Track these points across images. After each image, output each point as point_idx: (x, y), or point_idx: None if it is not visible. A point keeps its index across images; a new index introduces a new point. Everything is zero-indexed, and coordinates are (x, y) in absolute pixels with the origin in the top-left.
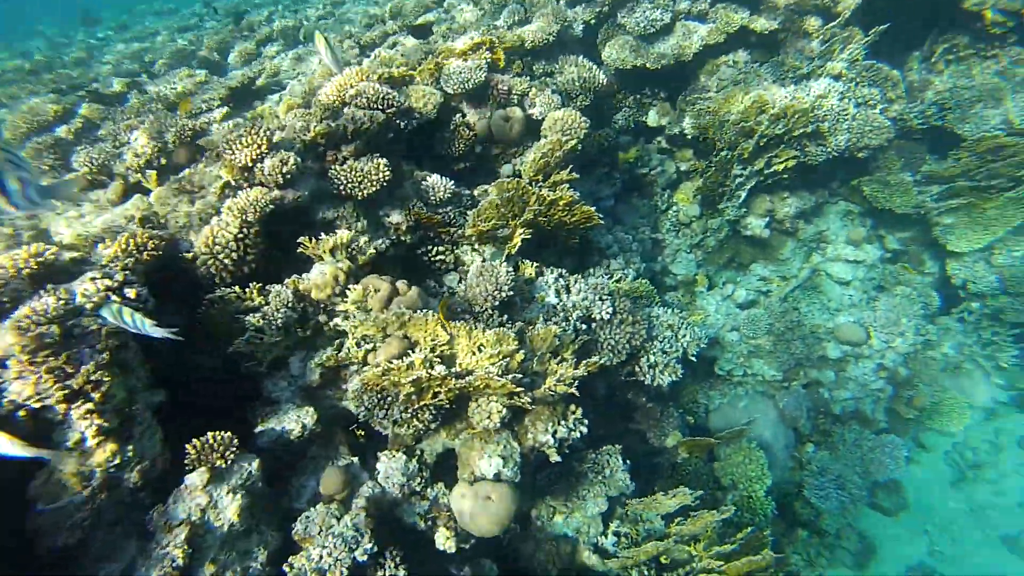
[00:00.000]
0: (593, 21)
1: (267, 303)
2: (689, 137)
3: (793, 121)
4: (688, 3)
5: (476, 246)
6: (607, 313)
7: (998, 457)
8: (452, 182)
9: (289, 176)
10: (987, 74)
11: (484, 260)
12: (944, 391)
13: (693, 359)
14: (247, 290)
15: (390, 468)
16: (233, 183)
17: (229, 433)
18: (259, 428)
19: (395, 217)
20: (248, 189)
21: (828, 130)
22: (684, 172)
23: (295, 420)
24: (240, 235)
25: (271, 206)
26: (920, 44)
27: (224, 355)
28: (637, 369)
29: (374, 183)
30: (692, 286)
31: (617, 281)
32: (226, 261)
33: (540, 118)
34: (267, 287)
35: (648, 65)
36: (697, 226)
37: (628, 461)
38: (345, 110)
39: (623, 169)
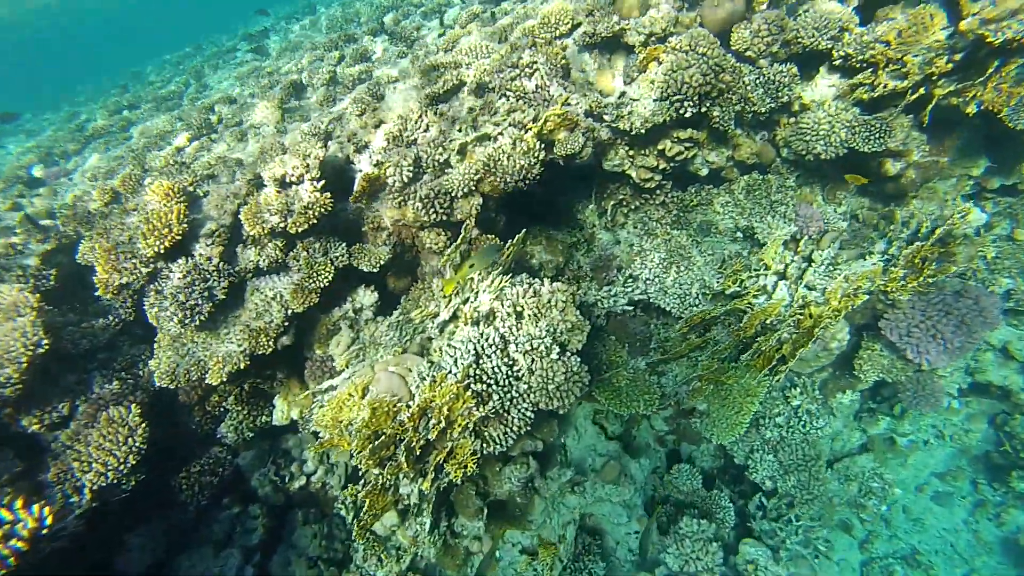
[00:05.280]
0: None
1: None
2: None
3: (447, 413)
4: (253, 252)
5: None
6: None
7: None
8: None
9: None
10: (665, 225)
11: None
12: None
13: None
14: None
15: None
16: None
17: None
18: None
19: None
20: None
21: (501, 407)
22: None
23: None
24: None
25: None
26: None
27: None
28: None
29: None
30: None
31: None
32: None
33: None
34: None
35: (212, 381)
36: (403, 534)
37: None
38: None
39: (265, 495)
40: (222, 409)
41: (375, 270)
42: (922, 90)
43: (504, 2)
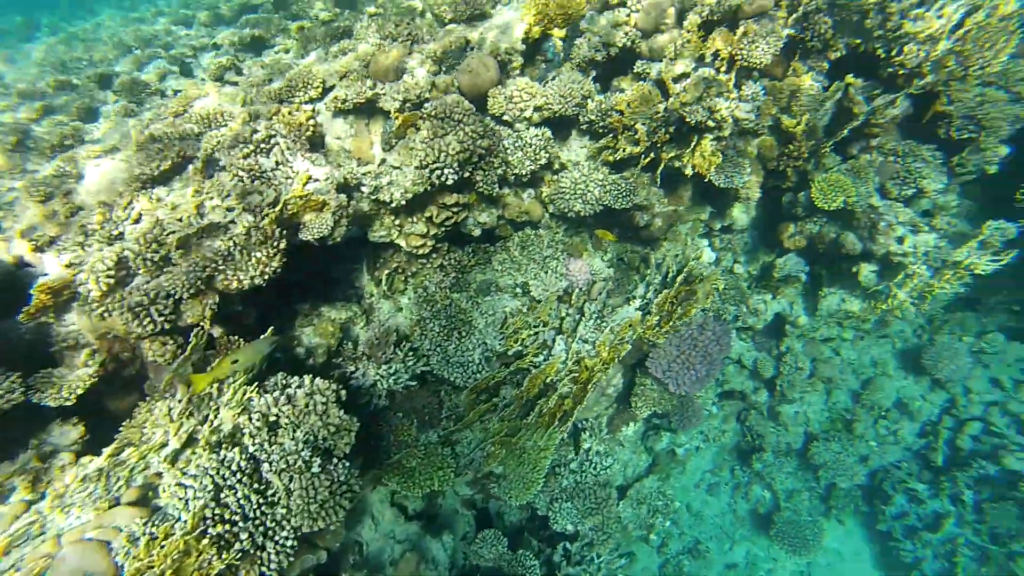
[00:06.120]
0: None
1: None
2: None
3: None
4: None
5: None
6: None
7: None
8: None
9: None
10: (444, 289)
11: None
12: None
13: None
14: None
15: None
16: None
17: None
18: None
19: None
20: None
21: (253, 545)
22: None
23: None
24: None
25: None
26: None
27: None
28: None
29: None
30: None
31: None
32: None
33: None
34: None
35: None
36: None
37: None
38: None
39: None
40: None
41: (70, 402)
42: (652, 154)
43: (268, 52)
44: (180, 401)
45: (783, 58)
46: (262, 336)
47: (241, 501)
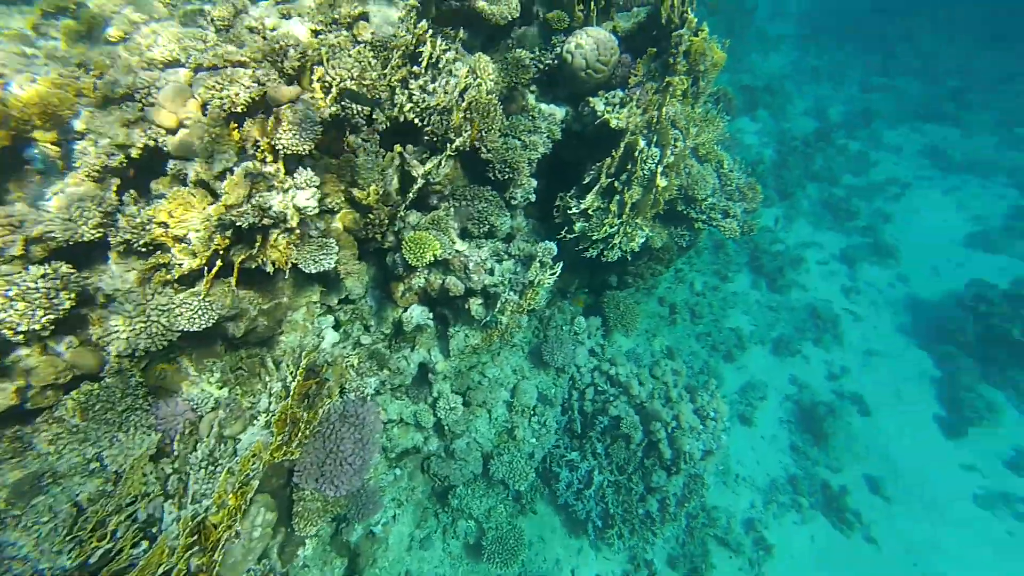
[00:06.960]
0: None
1: None
2: None
3: None
4: None
5: None
6: None
7: None
8: None
9: None
10: None
11: None
12: None
13: None
14: None
15: None
16: None
17: None
18: None
19: None
20: None
21: None
22: None
23: None
24: None
25: None
26: None
27: None
28: None
29: None
30: None
31: None
32: None
33: None
34: None
35: None
36: None
37: None
38: None
39: None
40: None
41: None
42: (220, 262)
43: None
44: None
45: (337, 135)
46: None
47: None
